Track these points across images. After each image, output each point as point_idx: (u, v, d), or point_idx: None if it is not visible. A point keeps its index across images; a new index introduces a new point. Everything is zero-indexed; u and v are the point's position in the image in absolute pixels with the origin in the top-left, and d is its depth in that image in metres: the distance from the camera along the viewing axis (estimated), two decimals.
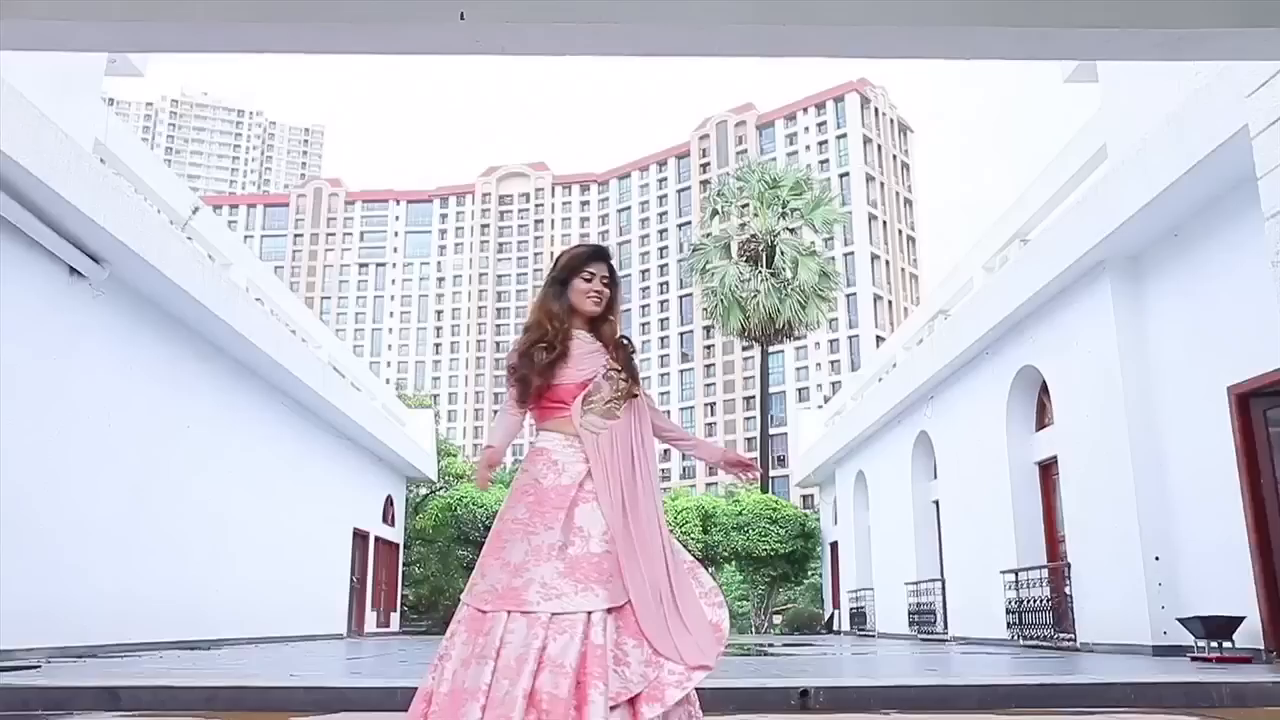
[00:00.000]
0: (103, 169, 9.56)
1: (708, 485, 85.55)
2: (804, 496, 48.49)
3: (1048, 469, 12.54)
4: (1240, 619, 8.08)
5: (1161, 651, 9.10)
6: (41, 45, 5.01)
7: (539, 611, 2.52)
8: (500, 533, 2.75)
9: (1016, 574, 12.52)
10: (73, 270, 9.57)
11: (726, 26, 4.66)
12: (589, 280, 3.03)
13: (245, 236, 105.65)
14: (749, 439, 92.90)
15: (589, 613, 2.52)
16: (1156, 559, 9.43)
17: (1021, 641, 12.31)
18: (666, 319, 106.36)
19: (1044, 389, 12.34)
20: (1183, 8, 4.70)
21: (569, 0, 4.60)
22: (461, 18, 4.53)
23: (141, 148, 12.66)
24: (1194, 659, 8.20)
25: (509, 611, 2.54)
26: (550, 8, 4.58)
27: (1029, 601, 12.23)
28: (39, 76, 8.76)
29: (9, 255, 8.60)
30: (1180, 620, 8.51)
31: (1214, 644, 8.05)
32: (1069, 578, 11.24)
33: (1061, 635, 11.35)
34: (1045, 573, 11.97)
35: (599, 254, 3.09)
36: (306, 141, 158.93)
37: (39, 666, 7.17)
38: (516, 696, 2.37)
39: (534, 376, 2.93)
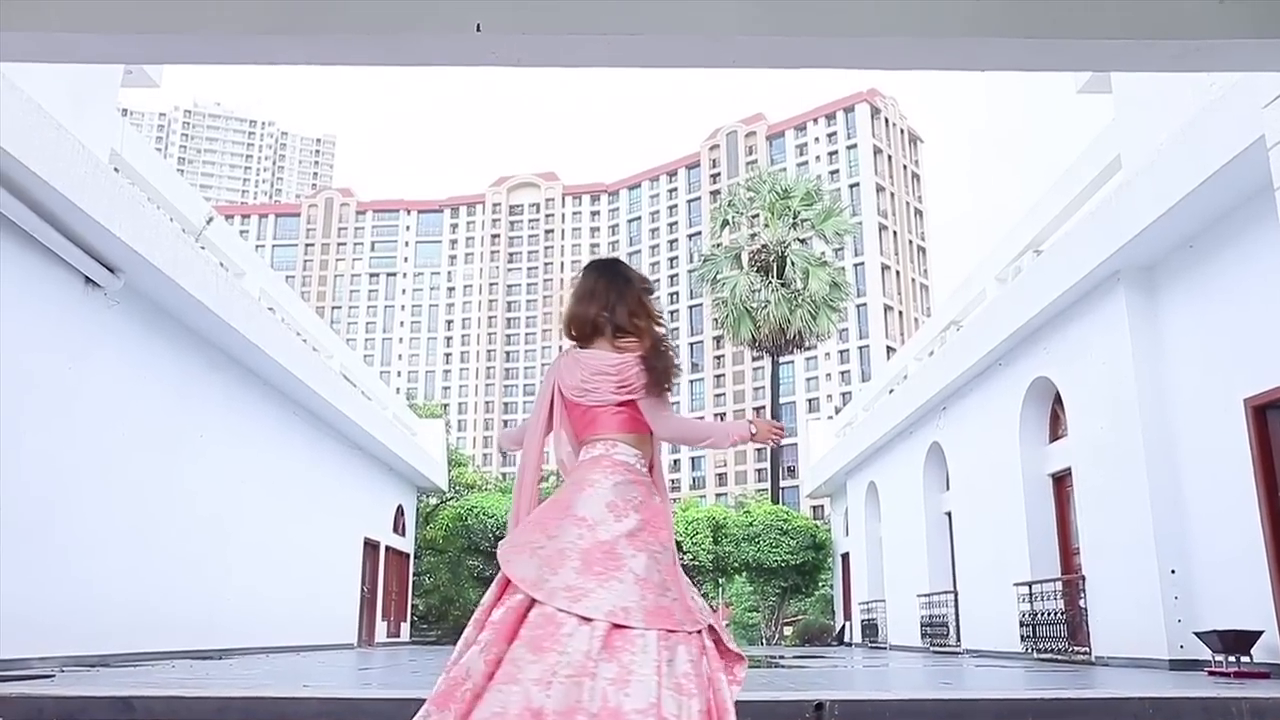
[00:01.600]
0: (118, 179, 9.61)
1: (718, 496, 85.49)
2: (814, 507, 48.39)
3: (1061, 481, 12.47)
4: (1259, 633, 8.01)
5: (1178, 666, 9.03)
6: (59, 57, 5.03)
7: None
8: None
9: (1030, 586, 12.45)
10: (88, 280, 9.61)
11: (741, 38, 4.66)
12: None
13: (257, 246, 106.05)
14: (759, 449, 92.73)
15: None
16: (1173, 572, 9.36)
17: (1035, 655, 12.23)
18: (676, 329, 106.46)
19: (1057, 400, 12.29)
20: (1198, 19, 4.68)
21: (584, 12, 4.61)
22: (478, 29, 4.55)
23: (156, 158, 12.72)
24: (1211, 674, 8.13)
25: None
26: (565, 19, 4.59)
27: (1043, 614, 12.16)
28: (56, 88, 8.83)
29: (26, 265, 8.64)
30: (1197, 634, 8.45)
31: (1232, 658, 7.98)
32: (1083, 590, 11.17)
33: (1076, 649, 11.27)
34: (1059, 585, 11.90)
35: None
36: (318, 152, 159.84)
37: (52, 676, 7.18)
38: None
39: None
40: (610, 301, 2.94)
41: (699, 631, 2.55)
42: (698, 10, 4.58)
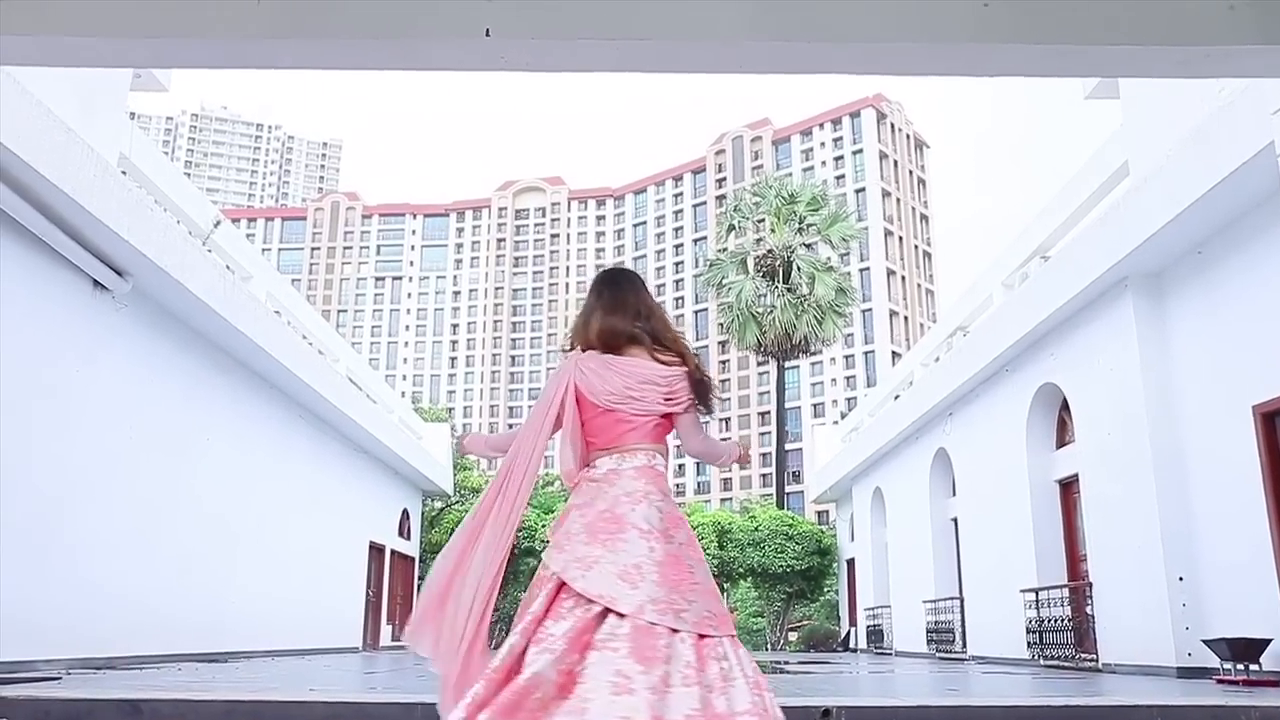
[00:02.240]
0: (127, 183, 9.64)
1: (722, 501, 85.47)
2: (818, 513, 48.29)
3: (1068, 487, 12.44)
4: (1267, 641, 7.98)
5: (1186, 673, 8.99)
6: (68, 61, 5.04)
7: None
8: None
9: (1037, 593, 12.41)
10: (96, 283, 9.65)
11: (750, 43, 4.66)
12: None
13: (263, 249, 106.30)
14: (764, 454, 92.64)
15: None
16: (1180, 579, 9.33)
17: (1042, 661, 12.19)
18: (681, 334, 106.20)
19: (1065, 406, 12.26)
20: (1207, 24, 4.67)
21: (593, 17, 4.61)
22: (487, 34, 4.55)
23: (164, 162, 12.76)
24: (1220, 681, 8.10)
25: None
26: (576, 24, 4.58)
27: (1050, 621, 12.12)
28: (65, 91, 8.87)
29: (35, 268, 8.67)
30: (1206, 642, 8.42)
31: (1240, 666, 7.95)
32: (1090, 597, 11.13)
33: (1083, 655, 11.24)
34: (1066, 592, 11.86)
35: None
36: (324, 155, 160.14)
37: (59, 678, 7.19)
38: None
39: None
40: (643, 313, 2.98)
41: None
42: (707, 15, 4.58)
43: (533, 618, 2.56)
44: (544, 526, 16.00)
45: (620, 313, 2.97)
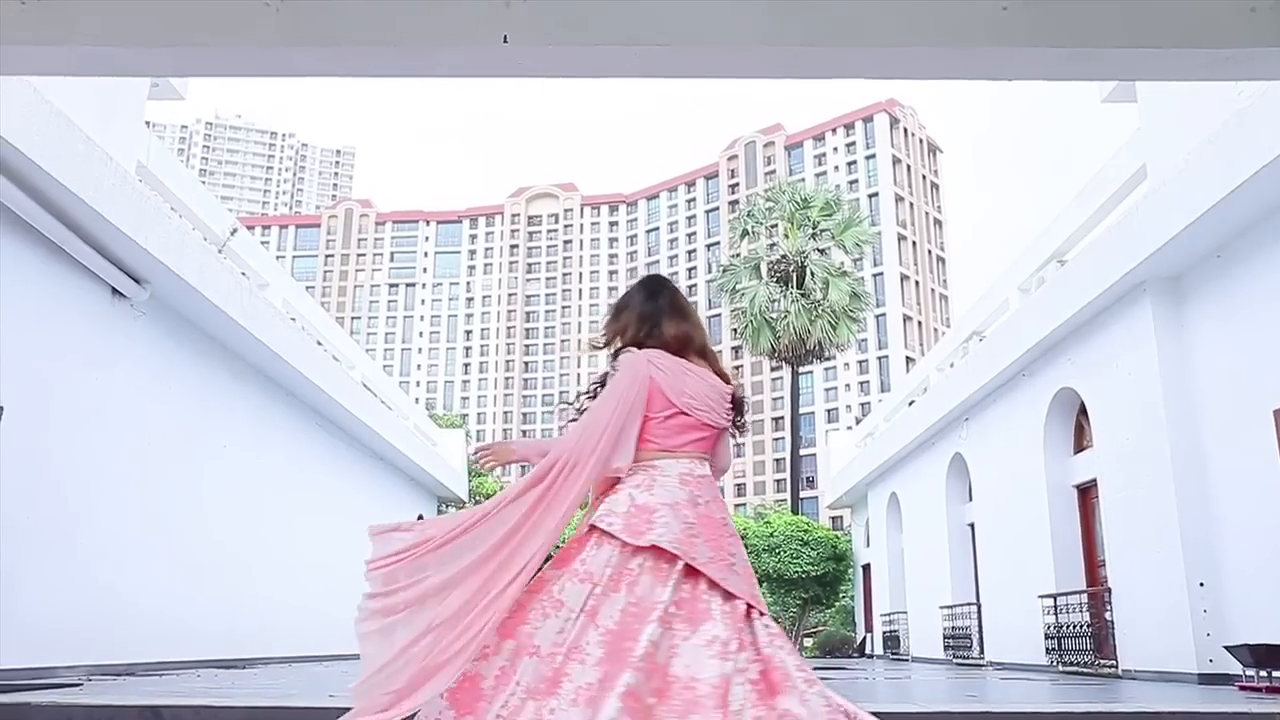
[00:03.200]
0: (145, 191, 9.70)
1: (737, 506, 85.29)
2: (832, 518, 48.16)
3: (1086, 492, 12.37)
4: None
5: (1207, 680, 8.92)
6: (92, 70, 5.09)
7: None
8: None
9: (1055, 599, 12.34)
10: (115, 291, 9.70)
11: (768, 48, 4.65)
12: None
13: (277, 257, 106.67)
14: (778, 460, 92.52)
15: None
16: (1201, 584, 9.26)
17: (1060, 667, 12.11)
18: None
19: (1082, 411, 12.19)
20: (1229, 27, 4.64)
21: (611, 23, 4.61)
22: (505, 41, 4.56)
23: (181, 170, 12.83)
24: (1242, 688, 8.03)
25: None
26: (592, 30, 4.59)
27: (1068, 627, 12.04)
28: (85, 101, 8.93)
29: (54, 276, 8.72)
30: (1227, 648, 8.35)
31: (1263, 673, 7.88)
32: (1109, 603, 11.06)
33: (1102, 661, 11.17)
34: (1085, 598, 11.78)
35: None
36: (337, 163, 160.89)
37: (80, 684, 7.21)
38: None
39: None
40: (697, 323, 3.04)
41: None
42: (725, 20, 4.57)
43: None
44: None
45: (691, 321, 2.99)
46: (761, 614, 2.61)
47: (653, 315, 2.97)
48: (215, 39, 4.62)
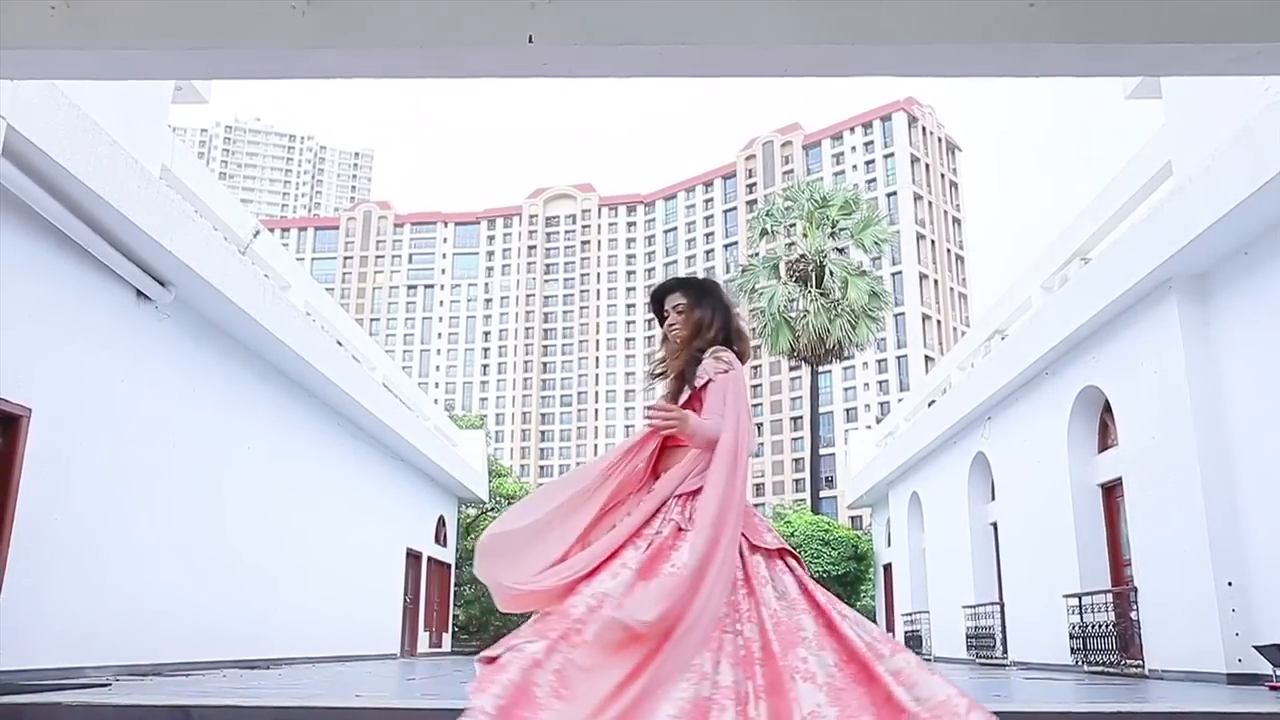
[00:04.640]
0: (170, 194, 9.76)
1: (756, 505, 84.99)
2: (852, 518, 48.01)
3: (1111, 491, 12.29)
4: None
5: (1236, 680, 8.84)
6: (120, 74, 5.11)
7: None
8: None
9: (1080, 598, 12.26)
10: (140, 293, 9.77)
11: (795, 46, 4.64)
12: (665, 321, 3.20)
13: (296, 259, 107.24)
14: (797, 459, 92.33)
15: None
16: (1229, 584, 9.18)
17: (1085, 667, 12.03)
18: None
19: (1107, 409, 12.11)
20: (1258, 21, 4.59)
21: (636, 23, 4.61)
22: (530, 41, 4.57)
23: (204, 173, 12.92)
24: (1272, 688, 7.95)
25: None
26: (618, 30, 4.59)
27: (1093, 626, 11.96)
28: (110, 104, 8.99)
29: (81, 279, 8.79)
30: (1257, 648, 8.27)
31: None
32: (1135, 602, 10.98)
33: (1128, 661, 11.08)
34: (1110, 597, 11.70)
35: (654, 296, 3.25)
36: (356, 165, 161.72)
37: (109, 685, 7.27)
38: None
39: None
40: None
41: None
42: (751, 20, 4.56)
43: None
44: None
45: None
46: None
47: (730, 316, 3.11)
48: (242, 42, 4.65)
